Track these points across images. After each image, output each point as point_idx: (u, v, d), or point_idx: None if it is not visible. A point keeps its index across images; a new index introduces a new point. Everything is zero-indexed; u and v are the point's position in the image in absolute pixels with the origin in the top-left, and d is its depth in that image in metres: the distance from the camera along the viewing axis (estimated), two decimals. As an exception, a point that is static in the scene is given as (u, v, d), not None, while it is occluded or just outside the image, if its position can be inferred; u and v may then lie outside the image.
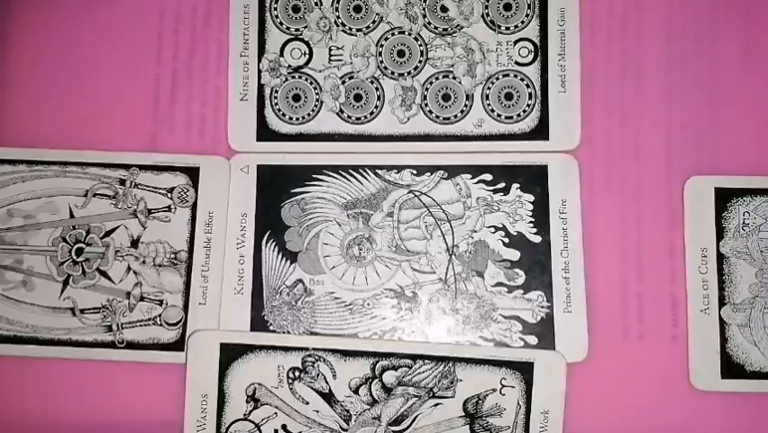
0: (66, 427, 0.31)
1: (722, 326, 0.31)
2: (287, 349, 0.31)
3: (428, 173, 0.32)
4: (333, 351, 0.30)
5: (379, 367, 0.30)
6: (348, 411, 0.30)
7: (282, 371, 0.30)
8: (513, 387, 0.30)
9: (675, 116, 0.32)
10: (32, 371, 0.32)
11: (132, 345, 0.31)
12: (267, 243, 0.32)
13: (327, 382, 0.30)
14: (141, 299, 0.31)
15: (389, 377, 0.30)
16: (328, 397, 0.30)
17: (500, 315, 0.31)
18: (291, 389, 0.30)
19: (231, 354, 0.30)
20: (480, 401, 0.30)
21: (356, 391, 0.30)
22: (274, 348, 0.31)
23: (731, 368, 0.30)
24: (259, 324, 0.31)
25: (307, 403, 0.30)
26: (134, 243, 0.32)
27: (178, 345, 0.31)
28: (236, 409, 0.30)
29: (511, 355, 0.30)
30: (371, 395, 0.30)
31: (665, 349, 0.31)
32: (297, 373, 0.30)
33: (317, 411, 0.30)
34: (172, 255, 0.32)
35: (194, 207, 0.32)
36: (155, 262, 0.32)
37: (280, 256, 0.32)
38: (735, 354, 0.30)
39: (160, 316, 0.31)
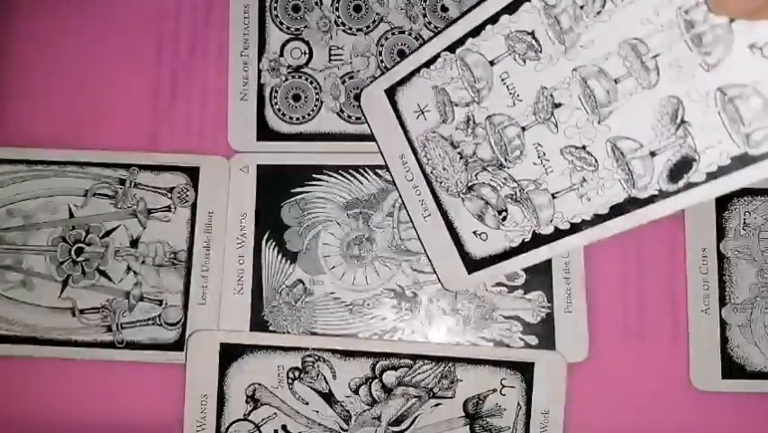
0: (66, 427, 0.31)
1: (723, 326, 0.30)
2: (286, 349, 0.30)
3: (428, 173, 0.32)
4: (333, 351, 0.30)
5: (379, 367, 0.30)
6: (348, 412, 0.30)
7: (282, 371, 0.30)
8: (513, 387, 0.30)
9: (676, 116, 0.32)
10: (31, 371, 0.31)
11: (131, 345, 0.31)
12: (267, 243, 0.32)
13: (327, 383, 0.30)
14: (141, 299, 0.31)
15: (389, 377, 0.30)
16: (328, 397, 0.30)
17: (501, 315, 0.31)
18: (291, 389, 0.30)
19: (231, 354, 0.30)
20: (481, 402, 0.30)
21: (356, 392, 0.30)
22: (274, 348, 0.30)
23: (731, 368, 0.30)
24: (258, 324, 0.31)
25: (307, 403, 0.30)
26: (134, 243, 0.32)
27: (178, 345, 0.31)
28: (236, 410, 0.30)
29: (511, 356, 0.30)
30: (371, 395, 0.30)
31: (666, 349, 0.31)
32: (296, 374, 0.30)
33: (317, 412, 0.30)
34: (172, 255, 0.32)
35: (193, 207, 0.32)
36: (155, 261, 0.32)
37: (280, 256, 0.32)
38: (735, 355, 0.30)
39: (159, 316, 0.31)
